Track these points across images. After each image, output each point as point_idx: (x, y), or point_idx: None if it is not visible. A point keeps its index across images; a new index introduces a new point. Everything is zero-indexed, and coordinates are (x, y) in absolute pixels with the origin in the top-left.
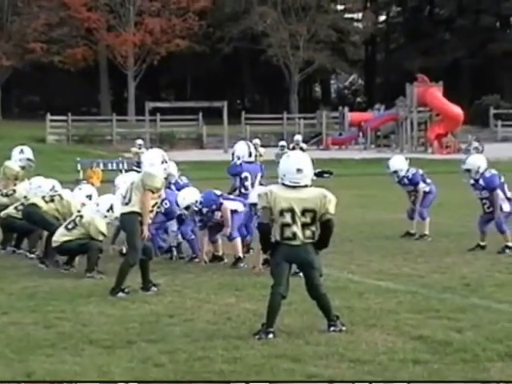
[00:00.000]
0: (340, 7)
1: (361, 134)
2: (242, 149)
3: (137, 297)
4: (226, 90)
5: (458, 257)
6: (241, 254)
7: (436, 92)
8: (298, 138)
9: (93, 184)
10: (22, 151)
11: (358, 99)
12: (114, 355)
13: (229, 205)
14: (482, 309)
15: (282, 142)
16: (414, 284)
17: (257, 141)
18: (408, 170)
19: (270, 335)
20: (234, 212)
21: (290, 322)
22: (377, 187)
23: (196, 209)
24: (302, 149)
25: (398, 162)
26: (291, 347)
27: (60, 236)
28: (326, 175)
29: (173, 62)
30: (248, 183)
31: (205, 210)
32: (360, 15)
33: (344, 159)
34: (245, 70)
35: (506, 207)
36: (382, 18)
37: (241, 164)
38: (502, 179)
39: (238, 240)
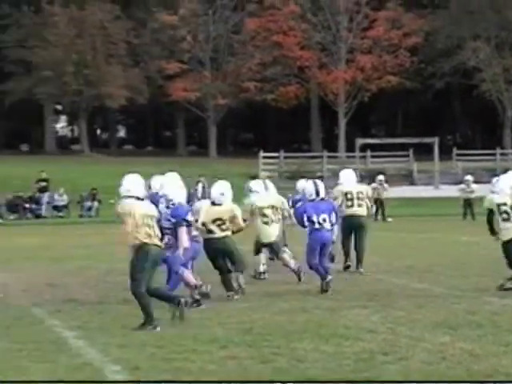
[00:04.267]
0: None
1: None
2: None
3: (350, 334)
4: (437, 126)
5: None
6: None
7: None
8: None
9: None
10: None
11: None
12: None
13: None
14: None
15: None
16: None
17: (381, 177)
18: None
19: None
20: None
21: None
22: None
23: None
24: None
25: (302, 184)
26: None
27: None
28: None
29: (383, 99)
30: None
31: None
32: None
33: None
34: (456, 105)
35: None
36: None
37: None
38: None
39: (186, 272)
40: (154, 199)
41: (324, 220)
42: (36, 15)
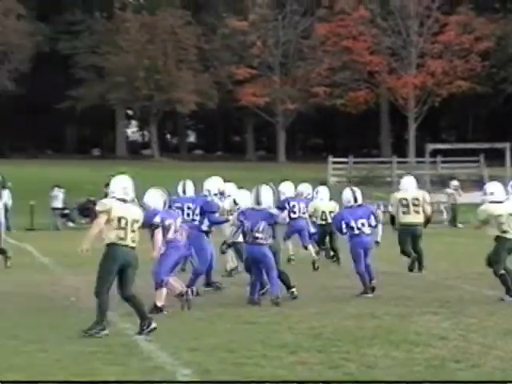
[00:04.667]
0: None
1: None
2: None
3: (421, 340)
4: (509, 131)
5: None
6: (159, 303)
7: None
8: None
9: None
10: None
11: None
12: None
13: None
14: None
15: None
16: None
17: (456, 182)
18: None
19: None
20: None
21: None
22: None
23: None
24: None
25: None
26: None
27: None
28: None
29: (454, 104)
30: None
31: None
32: None
33: None
34: None
35: None
36: None
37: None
38: None
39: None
40: (208, 203)
41: (363, 224)
42: (108, 21)
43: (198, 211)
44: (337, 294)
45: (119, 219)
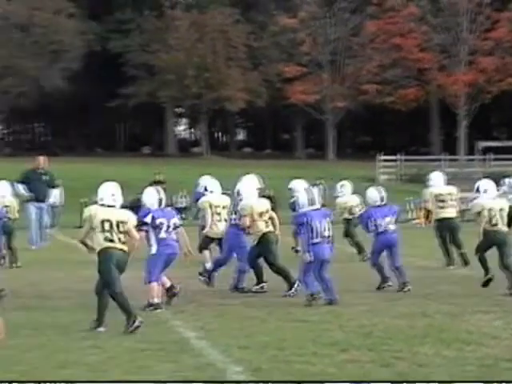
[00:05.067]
0: None
1: None
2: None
3: (472, 339)
4: None
5: None
6: (154, 300)
7: None
8: None
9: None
10: None
11: None
12: None
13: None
14: None
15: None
16: None
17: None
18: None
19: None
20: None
21: None
22: None
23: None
24: None
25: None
26: None
27: None
28: None
29: (505, 101)
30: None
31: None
32: None
33: None
34: None
35: None
36: None
37: None
38: None
39: (154, 285)
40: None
41: (388, 222)
42: (158, 20)
43: (233, 209)
44: (387, 293)
45: (102, 222)
